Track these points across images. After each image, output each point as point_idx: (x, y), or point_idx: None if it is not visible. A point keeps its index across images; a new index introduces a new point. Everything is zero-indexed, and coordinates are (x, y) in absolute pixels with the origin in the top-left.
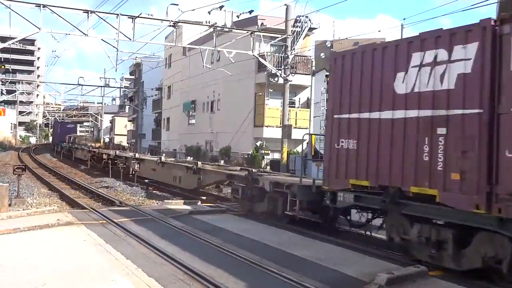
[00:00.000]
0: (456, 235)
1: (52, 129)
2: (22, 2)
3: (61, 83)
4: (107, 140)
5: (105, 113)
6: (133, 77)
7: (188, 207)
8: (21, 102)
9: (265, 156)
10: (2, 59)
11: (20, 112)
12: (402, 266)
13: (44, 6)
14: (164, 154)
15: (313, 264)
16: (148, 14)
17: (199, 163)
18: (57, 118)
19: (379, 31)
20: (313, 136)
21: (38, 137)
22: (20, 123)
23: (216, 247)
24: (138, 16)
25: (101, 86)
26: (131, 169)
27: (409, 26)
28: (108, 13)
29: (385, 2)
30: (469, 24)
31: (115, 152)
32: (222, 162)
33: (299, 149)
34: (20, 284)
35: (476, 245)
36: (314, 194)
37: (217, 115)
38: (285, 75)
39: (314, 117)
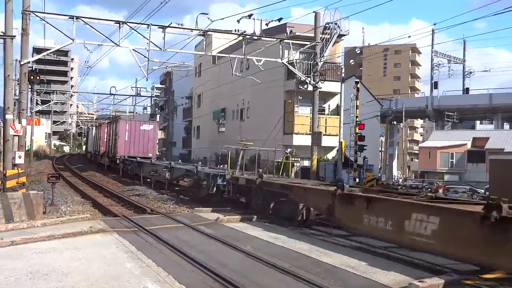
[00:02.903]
0: None
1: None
2: (56, 14)
3: (94, 93)
4: None
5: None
6: (163, 86)
7: (218, 215)
8: (55, 112)
9: (295, 164)
10: (37, 70)
11: (54, 122)
12: (434, 274)
13: (77, 18)
14: None
15: (343, 272)
16: (179, 24)
17: None
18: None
19: (409, 36)
20: (343, 142)
21: (71, 146)
22: (54, 133)
23: (246, 255)
24: (168, 26)
25: (133, 95)
26: None
27: (442, 30)
28: (139, 23)
29: (419, 7)
30: None
31: None
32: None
33: (329, 156)
34: None
35: None
36: None
37: (247, 122)
38: (314, 82)
39: (344, 124)
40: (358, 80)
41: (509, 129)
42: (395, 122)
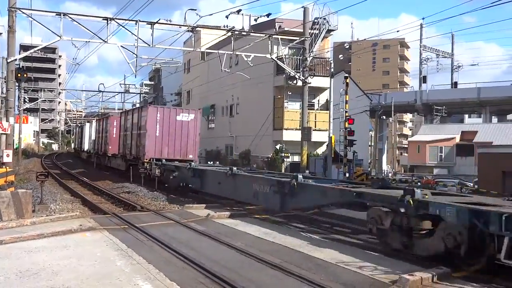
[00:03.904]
0: None
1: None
2: (43, 11)
3: (82, 90)
4: None
5: None
6: (152, 82)
7: (208, 211)
8: (43, 109)
9: (285, 159)
10: (25, 68)
11: (43, 120)
12: (424, 268)
13: (64, 14)
14: None
15: (334, 267)
16: (167, 20)
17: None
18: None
19: (397, 31)
20: (333, 137)
21: (60, 144)
22: (43, 130)
23: (237, 251)
24: (156, 22)
25: (121, 92)
26: None
27: (431, 25)
28: (127, 19)
29: (408, 1)
30: None
31: None
32: None
33: (319, 151)
34: None
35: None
36: None
37: (236, 119)
38: (303, 78)
39: (333, 119)
40: (347, 75)
41: (497, 122)
42: (384, 117)
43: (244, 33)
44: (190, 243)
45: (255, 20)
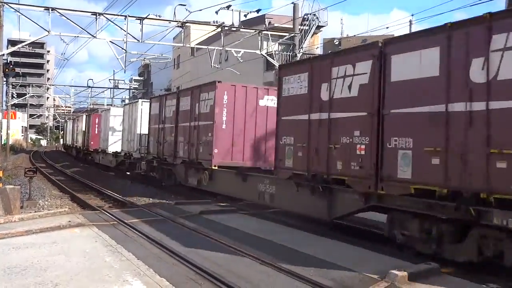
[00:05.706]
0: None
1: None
2: (31, 6)
3: (71, 86)
4: None
5: None
6: (142, 78)
7: (198, 207)
8: (31, 105)
9: None
10: (12, 63)
11: (31, 115)
12: (414, 263)
13: (52, 9)
14: None
15: (324, 262)
16: (157, 15)
17: None
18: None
19: (387, 27)
20: None
21: (49, 139)
22: (31, 126)
23: (227, 247)
24: (145, 18)
25: (110, 88)
26: None
27: (421, 21)
28: (116, 14)
29: None
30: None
31: None
32: None
33: None
34: (31, 286)
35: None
36: None
37: None
38: None
39: None
40: None
41: None
42: None
43: (234, 29)
44: (180, 239)
45: (245, 15)
